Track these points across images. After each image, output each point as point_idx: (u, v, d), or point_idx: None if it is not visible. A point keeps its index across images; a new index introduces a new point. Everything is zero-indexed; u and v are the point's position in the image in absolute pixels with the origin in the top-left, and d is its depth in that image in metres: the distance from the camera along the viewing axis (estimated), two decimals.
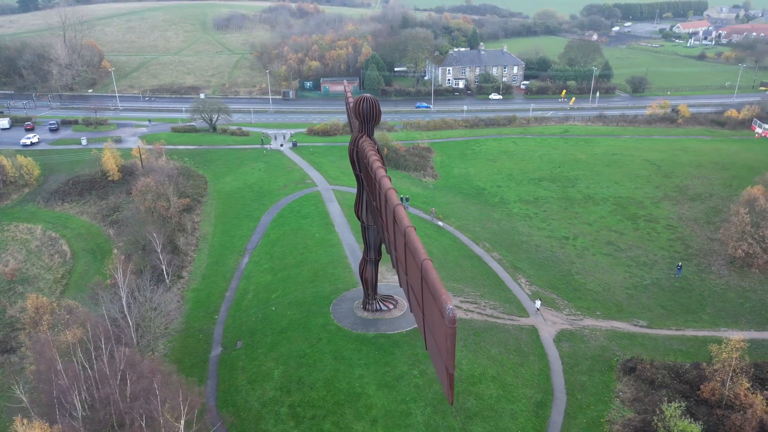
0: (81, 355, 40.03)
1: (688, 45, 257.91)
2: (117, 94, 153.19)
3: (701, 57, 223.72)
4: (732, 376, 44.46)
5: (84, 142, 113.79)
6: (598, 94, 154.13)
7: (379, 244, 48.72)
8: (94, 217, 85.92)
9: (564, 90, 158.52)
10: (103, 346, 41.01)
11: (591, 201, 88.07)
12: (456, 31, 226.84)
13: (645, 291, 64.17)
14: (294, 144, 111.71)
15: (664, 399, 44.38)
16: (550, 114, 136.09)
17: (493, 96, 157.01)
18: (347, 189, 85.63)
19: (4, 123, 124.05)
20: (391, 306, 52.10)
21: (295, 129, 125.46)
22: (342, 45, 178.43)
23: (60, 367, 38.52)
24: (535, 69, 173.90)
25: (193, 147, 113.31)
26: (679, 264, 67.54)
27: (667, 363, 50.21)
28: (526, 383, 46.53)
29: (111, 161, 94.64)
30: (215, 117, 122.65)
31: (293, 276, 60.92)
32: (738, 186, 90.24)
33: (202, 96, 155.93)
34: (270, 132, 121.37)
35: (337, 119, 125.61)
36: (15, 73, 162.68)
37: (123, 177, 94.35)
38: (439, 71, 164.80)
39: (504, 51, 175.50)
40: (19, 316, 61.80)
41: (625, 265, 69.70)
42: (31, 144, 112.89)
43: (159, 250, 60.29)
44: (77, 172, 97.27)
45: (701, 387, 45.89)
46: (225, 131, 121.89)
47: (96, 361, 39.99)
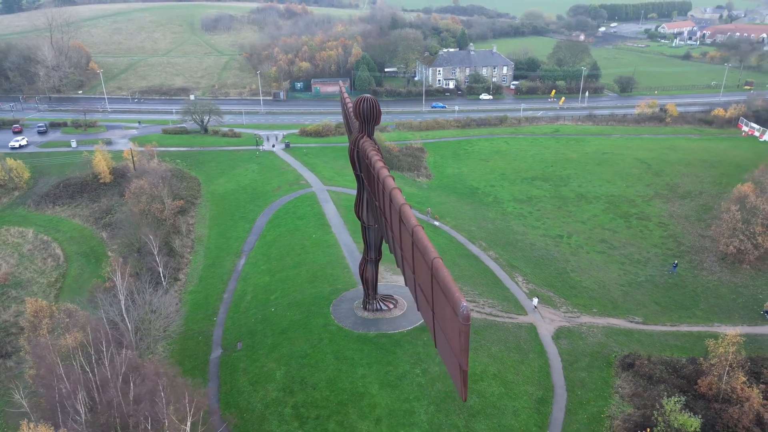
0: (82, 359, 39.78)
1: (673, 45, 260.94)
2: (106, 95, 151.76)
3: (686, 57, 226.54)
4: (728, 370, 45.21)
5: (74, 144, 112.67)
6: (587, 93, 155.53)
7: (380, 243, 48.88)
8: (86, 220, 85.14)
9: (553, 90, 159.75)
10: (104, 349, 40.77)
11: (584, 200, 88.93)
12: (445, 32, 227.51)
13: (639, 288, 64.98)
14: (287, 145, 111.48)
15: (662, 394, 45.02)
16: (540, 114, 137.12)
17: (484, 96, 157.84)
18: (342, 189, 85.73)
19: None
20: (391, 305, 52.28)
21: (287, 130, 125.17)
22: (332, 46, 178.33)
23: (61, 371, 38.25)
24: (524, 69, 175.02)
25: (185, 149, 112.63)
26: (675, 262, 68.44)
27: (664, 358, 50.92)
28: (526, 380, 46.95)
29: (102, 163, 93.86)
30: (206, 118, 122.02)
31: (292, 277, 60.88)
32: (727, 184, 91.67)
33: (191, 97, 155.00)
34: (262, 133, 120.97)
35: (329, 120, 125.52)
36: (1, 76, 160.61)
37: (115, 179, 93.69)
38: (430, 72, 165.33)
39: (493, 51, 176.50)
40: (14, 320, 61.17)
41: (619, 263, 70.51)
42: (20, 147, 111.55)
43: (156, 252, 59.91)
44: (68, 174, 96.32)
45: (698, 381, 46.58)
46: (216, 133, 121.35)
47: (97, 365, 39.73)
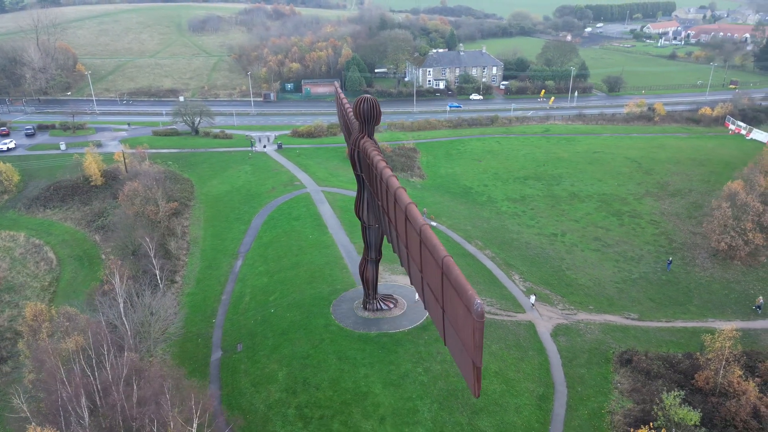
0: (83, 362, 39.49)
1: (658, 45, 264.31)
2: (94, 97, 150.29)
3: (672, 56, 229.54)
4: (725, 364, 45.99)
5: (63, 146, 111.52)
6: (576, 93, 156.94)
7: (380, 243, 49.03)
8: (78, 223, 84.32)
9: (543, 90, 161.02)
10: (105, 352, 40.50)
11: (576, 198, 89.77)
12: (434, 33, 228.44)
13: (634, 285, 65.76)
14: (279, 146, 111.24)
15: (661, 389, 45.69)
16: (530, 114, 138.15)
17: (474, 96, 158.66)
18: (337, 190, 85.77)
19: None
20: (392, 305, 52.46)
21: (279, 131, 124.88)
22: (322, 47, 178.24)
23: (63, 375, 37.94)
24: (514, 69, 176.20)
25: (176, 150, 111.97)
26: (670, 258, 69.36)
27: (661, 354, 51.62)
28: (527, 377, 47.37)
29: (93, 166, 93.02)
30: (197, 120, 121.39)
31: (290, 278, 60.83)
32: (716, 181, 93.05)
33: (181, 99, 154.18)
34: (254, 134, 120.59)
35: (321, 121, 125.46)
36: None
37: (106, 182, 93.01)
38: (420, 72, 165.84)
39: (483, 52, 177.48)
40: (9, 325, 60.48)
41: (613, 260, 71.28)
42: (8, 150, 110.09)
43: (152, 254, 59.55)
44: (58, 177, 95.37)
45: (695, 376, 47.31)
46: (208, 134, 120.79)
47: (100, 368, 39.46)
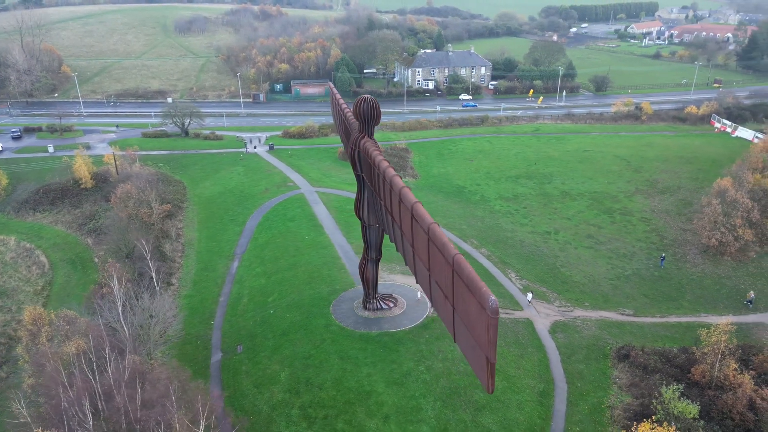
0: (84, 366, 39.19)
1: (643, 45, 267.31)
2: (81, 99, 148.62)
3: (656, 56, 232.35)
4: (720, 358, 46.81)
5: (51, 149, 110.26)
6: (564, 93, 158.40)
7: (380, 243, 49.24)
8: (69, 226, 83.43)
9: (531, 90, 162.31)
10: (107, 355, 40.23)
11: (568, 196, 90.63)
12: (421, 33, 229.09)
13: (627, 281, 66.59)
14: (271, 147, 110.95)
15: (659, 383, 46.40)
16: (520, 113, 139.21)
17: (463, 96, 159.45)
18: (331, 191, 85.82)
19: None
20: (392, 304, 52.69)
21: (269, 132, 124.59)
22: (310, 47, 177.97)
23: (64, 379, 37.62)
24: (502, 69, 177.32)
25: (166, 152, 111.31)
26: (663, 255, 70.33)
27: (657, 349, 52.38)
28: (527, 374, 47.86)
29: (83, 168, 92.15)
30: (187, 121, 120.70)
31: (288, 279, 60.79)
32: (704, 179, 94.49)
33: (169, 100, 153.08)
34: (244, 135, 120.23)
35: (312, 121, 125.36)
36: None
37: (96, 184, 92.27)
38: (409, 72, 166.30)
39: (471, 52, 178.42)
40: (2, 330, 59.69)
41: (606, 257, 72.10)
42: None
43: (148, 257, 59.10)
44: (47, 180, 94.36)
45: (692, 370, 48.08)
46: (198, 135, 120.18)
47: (102, 371, 39.19)
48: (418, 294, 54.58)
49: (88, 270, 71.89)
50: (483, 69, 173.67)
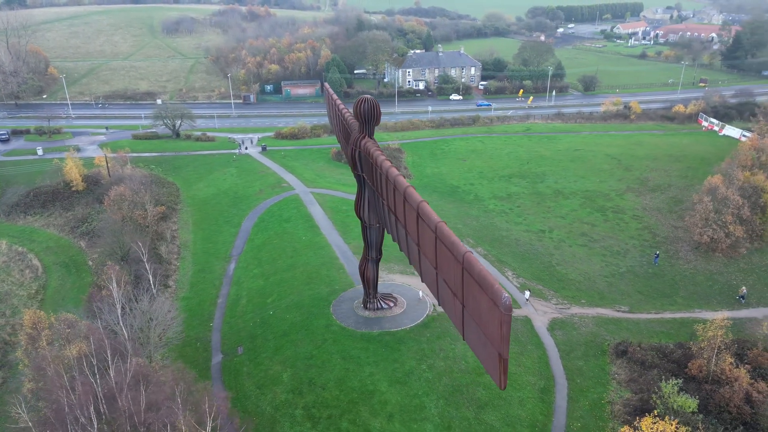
0: (86, 369, 38.93)
1: (629, 45, 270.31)
2: (69, 101, 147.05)
3: (642, 56, 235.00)
4: (716, 352, 47.59)
5: (40, 152, 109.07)
6: (554, 93, 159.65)
7: (380, 243, 49.42)
8: (61, 230, 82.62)
9: (521, 90, 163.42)
10: (109, 358, 40.00)
11: (561, 195, 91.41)
12: (410, 33, 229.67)
13: (622, 278, 67.36)
14: (263, 148, 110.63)
15: (656, 378, 47.06)
16: (510, 113, 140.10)
17: (454, 96, 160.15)
18: (326, 191, 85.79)
19: None
20: (392, 304, 52.89)
21: (261, 133, 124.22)
22: (300, 48, 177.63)
23: (66, 382, 37.34)
24: (491, 69, 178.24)
25: (158, 154, 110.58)
26: (657, 252, 71.21)
27: (654, 344, 53.09)
28: (528, 371, 48.30)
29: (74, 171, 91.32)
30: (178, 123, 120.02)
31: (287, 279, 60.75)
32: (693, 177, 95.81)
33: (159, 102, 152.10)
34: (236, 137, 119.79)
35: (304, 122, 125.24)
36: None
37: (88, 187, 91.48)
38: (399, 73, 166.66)
39: (461, 52, 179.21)
40: None
41: (601, 255, 72.87)
42: None
43: (145, 259, 58.74)
44: (37, 183, 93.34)
45: (689, 365, 48.82)
46: (189, 137, 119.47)
47: (106, 374, 38.96)
48: (419, 293, 54.85)
49: (82, 273, 71.26)
50: (473, 69, 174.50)
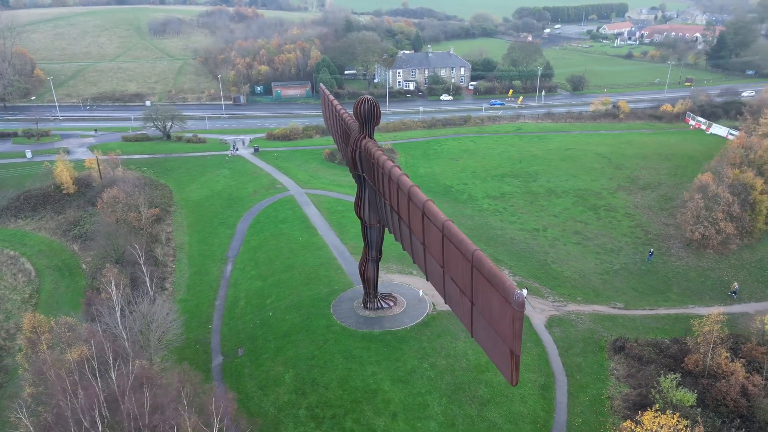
0: (88, 373, 38.67)
1: (615, 45, 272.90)
2: (57, 103, 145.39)
3: (629, 56, 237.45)
4: (712, 347, 48.38)
5: (29, 155, 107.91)
6: (543, 92, 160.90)
7: (381, 242, 49.57)
8: (53, 233, 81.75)
9: (510, 90, 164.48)
10: (111, 361, 39.77)
11: (553, 194, 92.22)
12: (399, 34, 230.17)
13: (616, 276, 68.19)
14: (256, 149, 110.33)
15: (654, 373, 47.76)
16: (501, 113, 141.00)
17: (444, 97, 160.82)
18: (321, 192, 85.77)
19: None
20: (392, 303, 53.08)
21: (252, 134, 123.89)
22: (290, 49, 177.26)
23: (68, 386, 37.06)
24: (480, 70, 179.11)
25: (148, 156, 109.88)
26: (651, 250, 72.10)
27: (650, 340, 53.84)
28: (528, 368, 48.72)
29: (65, 173, 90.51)
30: (169, 124, 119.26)
31: (285, 280, 60.69)
32: (682, 175, 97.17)
33: (148, 103, 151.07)
34: (228, 138, 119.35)
35: (296, 123, 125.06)
36: None
37: (79, 189, 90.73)
38: (390, 74, 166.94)
39: (451, 53, 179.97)
40: None
41: (594, 253, 73.68)
42: None
43: (142, 262, 58.36)
44: (27, 186, 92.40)
45: (685, 359, 49.58)
46: (180, 139, 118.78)
47: (108, 377, 38.72)
48: (419, 292, 55.11)
49: (76, 277, 70.61)
50: (462, 70, 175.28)
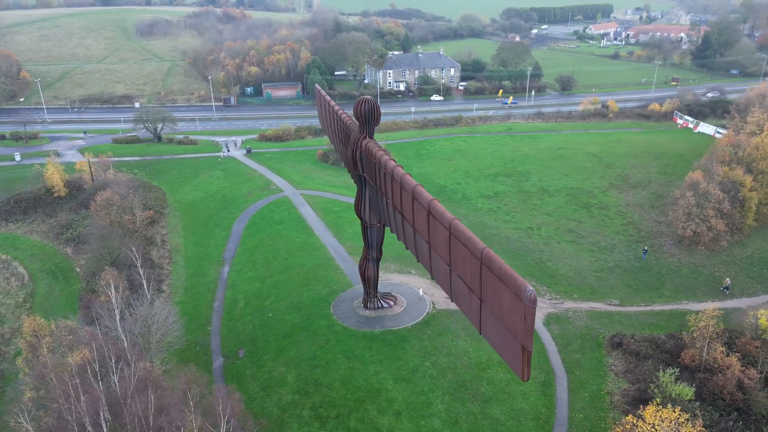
0: (90, 376, 38.43)
1: (601, 45, 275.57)
2: (44, 106, 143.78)
3: (615, 56, 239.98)
4: (708, 342, 49.17)
5: (18, 158, 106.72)
6: (533, 92, 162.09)
7: (381, 242, 49.76)
8: (45, 236, 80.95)
9: (500, 90, 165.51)
10: (113, 363, 39.58)
11: (546, 193, 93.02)
12: (388, 35, 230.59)
13: (611, 273, 69.00)
14: (248, 150, 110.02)
15: (652, 369, 48.48)
16: (491, 113, 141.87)
17: (435, 97, 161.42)
18: (316, 193, 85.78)
19: None
20: (392, 303, 53.30)
21: (244, 135, 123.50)
22: (280, 50, 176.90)
23: (71, 390, 36.80)
24: (470, 70, 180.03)
25: (139, 158, 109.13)
26: (645, 248, 73.01)
27: (646, 336, 54.62)
28: None
29: (56, 176, 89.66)
30: (160, 126, 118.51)
31: (283, 281, 60.66)
32: (671, 173, 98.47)
33: (137, 105, 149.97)
34: (219, 139, 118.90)
35: (288, 124, 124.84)
36: None
37: (70, 192, 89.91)
38: (380, 74, 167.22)
39: (440, 54, 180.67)
40: None
41: (588, 250, 74.46)
42: None
43: (139, 264, 58.00)
44: (17, 189, 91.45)
45: (681, 354, 50.34)
46: (171, 140, 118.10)
47: (110, 380, 38.52)
48: (419, 291, 55.40)
49: (70, 280, 70.01)
50: (452, 70, 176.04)
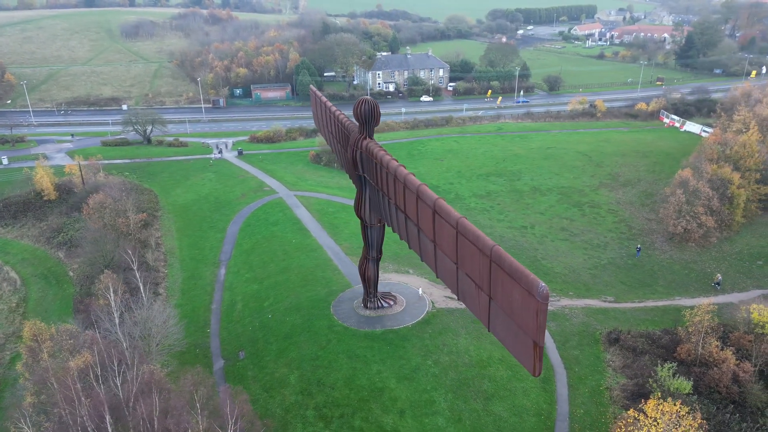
0: (93, 380, 38.19)
1: (586, 46, 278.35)
2: (30, 108, 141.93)
3: (600, 56, 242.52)
4: (703, 337, 50.05)
5: (5, 161, 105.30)
6: (522, 92, 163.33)
7: (381, 242, 49.97)
8: (36, 240, 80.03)
9: (489, 90, 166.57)
10: (116, 367, 39.36)
11: (538, 192, 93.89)
12: (376, 36, 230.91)
13: (604, 270, 69.88)
14: (240, 152, 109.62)
15: (649, 364, 49.22)
16: (481, 113, 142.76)
17: (425, 98, 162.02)
18: (310, 194, 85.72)
19: None
20: (392, 302, 53.51)
21: (234, 137, 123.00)
22: (268, 51, 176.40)
23: (74, 394, 36.53)
24: (459, 71, 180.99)
25: (129, 161, 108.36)
26: (638, 246, 74.01)
27: (642, 332, 55.36)
28: None
29: (46, 180, 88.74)
30: (149, 128, 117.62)
31: (282, 282, 60.59)
32: (660, 171, 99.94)
33: (124, 107, 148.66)
34: (210, 141, 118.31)
35: (279, 125, 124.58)
36: None
37: (60, 195, 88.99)
38: (369, 75, 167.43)
39: (429, 55, 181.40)
40: None
41: (582, 248, 75.35)
42: None
43: (135, 267, 57.57)
44: (6, 193, 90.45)
45: (677, 349, 51.18)
46: (161, 143, 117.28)
47: (114, 383, 38.31)
48: (419, 291, 55.68)
49: (63, 284, 69.32)
50: (441, 71, 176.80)
